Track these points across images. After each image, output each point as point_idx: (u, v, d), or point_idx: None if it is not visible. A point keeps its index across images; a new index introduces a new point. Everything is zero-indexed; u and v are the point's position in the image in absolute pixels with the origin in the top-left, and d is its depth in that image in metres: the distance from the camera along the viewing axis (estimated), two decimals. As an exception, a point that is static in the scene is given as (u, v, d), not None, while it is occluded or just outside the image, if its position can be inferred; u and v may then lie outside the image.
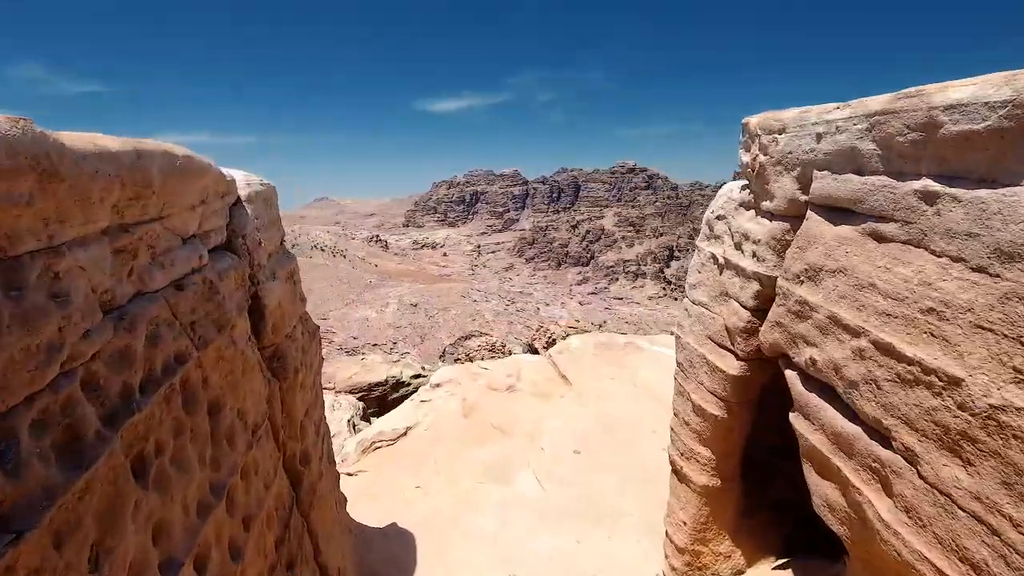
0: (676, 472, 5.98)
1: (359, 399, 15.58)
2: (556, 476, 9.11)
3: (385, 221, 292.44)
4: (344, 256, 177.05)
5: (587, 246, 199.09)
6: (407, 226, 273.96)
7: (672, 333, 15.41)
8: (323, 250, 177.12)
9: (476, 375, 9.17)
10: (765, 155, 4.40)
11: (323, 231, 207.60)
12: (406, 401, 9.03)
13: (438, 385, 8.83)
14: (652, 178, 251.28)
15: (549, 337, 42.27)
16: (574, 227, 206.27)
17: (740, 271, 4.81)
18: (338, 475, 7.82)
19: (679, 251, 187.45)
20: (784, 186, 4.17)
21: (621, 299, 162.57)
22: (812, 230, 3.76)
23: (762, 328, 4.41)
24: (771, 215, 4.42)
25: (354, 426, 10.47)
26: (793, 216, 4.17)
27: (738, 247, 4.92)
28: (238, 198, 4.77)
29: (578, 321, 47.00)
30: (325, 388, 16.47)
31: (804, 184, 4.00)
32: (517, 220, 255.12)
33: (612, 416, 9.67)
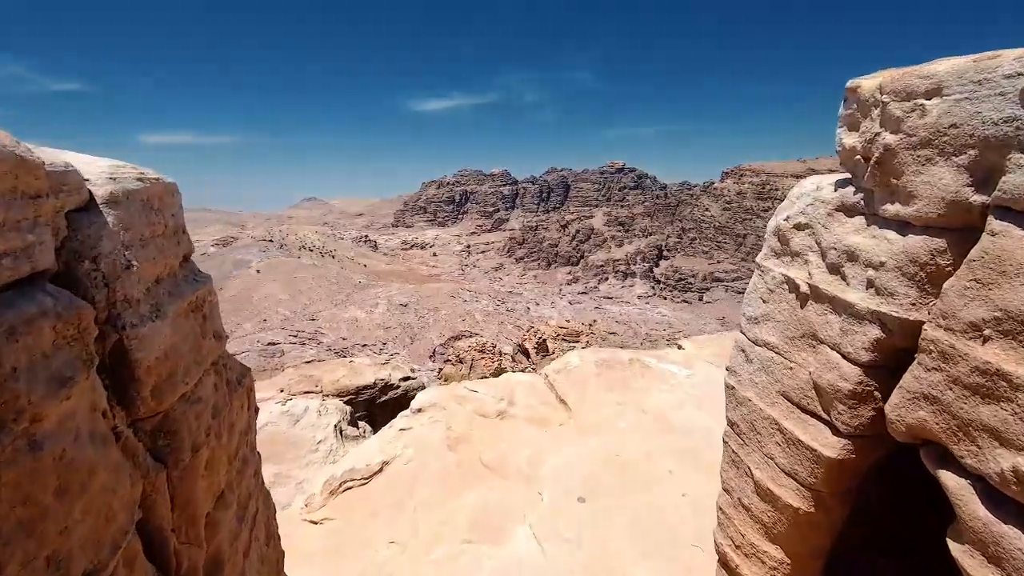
0: (727, 567, 4.43)
1: (347, 403, 14.41)
2: (558, 532, 7.51)
3: (374, 221, 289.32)
4: (333, 256, 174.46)
5: (577, 246, 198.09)
6: (396, 226, 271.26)
7: (678, 346, 13.60)
8: (311, 250, 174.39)
9: (463, 399, 7.69)
10: (896, 133, 2.85)
11: (311, 231, 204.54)
12: (384, 429, 7.45)
13: (420, 410, 7.43)
14: (641, 178, 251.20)
15: (539, 338, 40.82)
16: (564, 227, 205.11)
17: (843, 307, 3.26)
18: (282, 553, 6.17)
19: (668, 250, 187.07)
20: (937, 180, 2.63)
21: (611, 298, 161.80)
22: (1010, 251, 2.24)
23: (892, 400, 2.87)
24: (905, 225, 2.87)
25: (341, 431, 8.94)
26: (955, 228, 2.63)
27: (836, 271, 3.37)
28: (88, 201, 3.17)
29: (568, 321, 45.64)
30: (312, 392, 15.19)
31: (980, 177, 2.46)
32: (507, 220, 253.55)
33: (620, 451, 8.21)
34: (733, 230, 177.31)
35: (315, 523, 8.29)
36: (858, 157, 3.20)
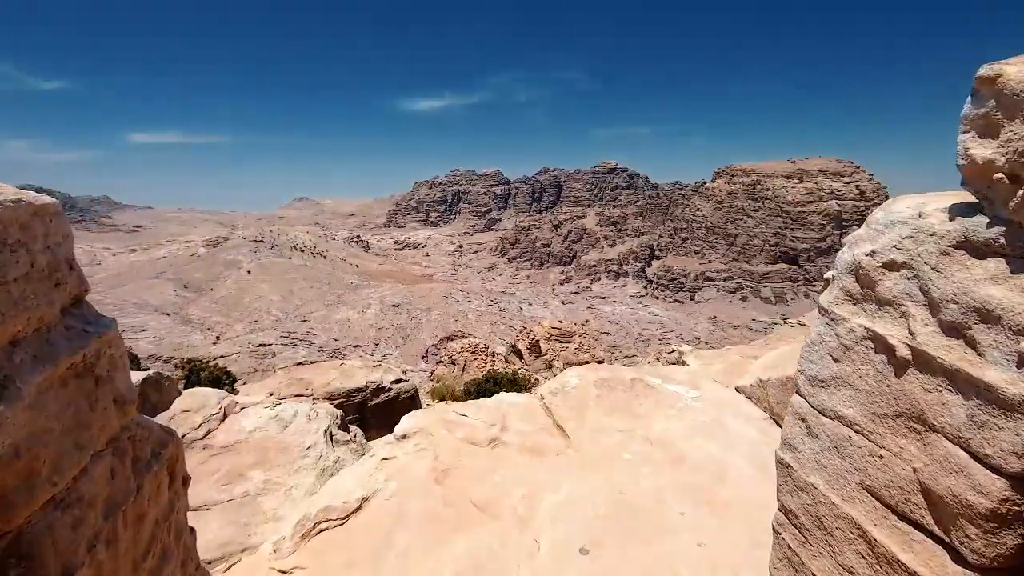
0: None
1: (338, 406, 13.84)
2: (558, 593, 6.61)
3: (366, 221, 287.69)
4: (325, 257, 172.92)
5: (569, 246, 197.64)
6: (388, 226, 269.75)
7: (682, 362, 12.54)
8: (303, 251, 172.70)
9: (452, 424, 6.70)
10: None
11: (303, 231, 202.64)
12: (364, 458, 6.37)
13: (404, 437, 6.47)
14: (633, 178, 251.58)
15: (532, 338, 39.96)
16: (556, 227, 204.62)
17: (973, 387, 2.30)
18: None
19: (660, 250, 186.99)
20: None
21: (603, 298, 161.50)
22: None
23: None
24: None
25: (331, 436, 8.04)
26: None
27: (957, 333, 2.40)
28: None
29: (561, 321, 44.75)
30: (303, 395, 14.55)
31: None
32: (499, 220, 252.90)
33: (626, 490, 7.18)
34: (724, 230, 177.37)
35: (284, 573, 7.31)
36: (999, 175, 2.22)
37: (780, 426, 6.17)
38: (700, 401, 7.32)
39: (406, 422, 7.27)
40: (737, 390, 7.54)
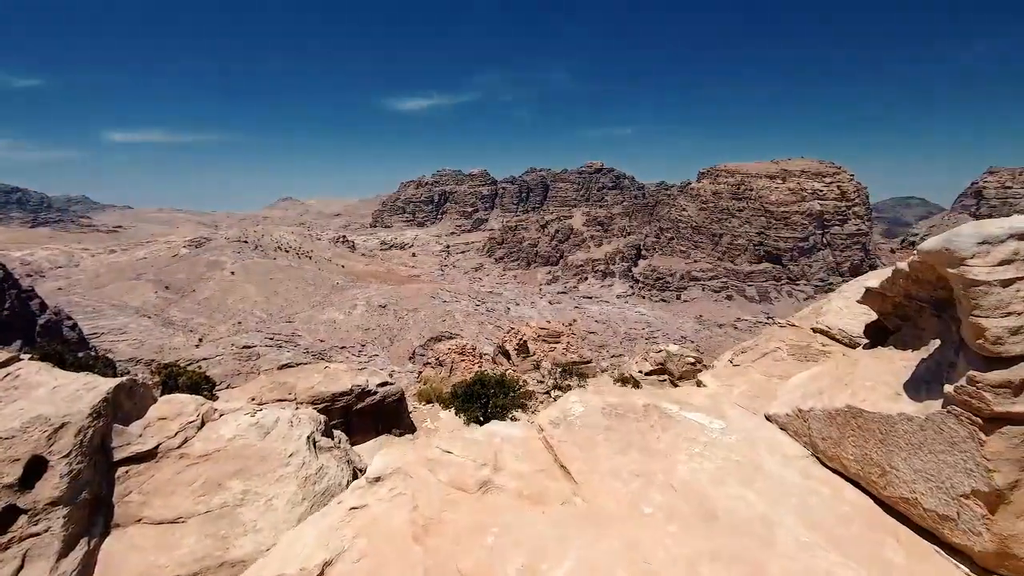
0: None
1: (322, 410, 13.50)
2: None
3: (352, 221, 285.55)
4: (310, 257, 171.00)
5: (556, 246, 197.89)
6: (375, 226, 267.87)
7: (698, 381, 10.32)
8: (288, 251, 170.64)
9: (434, 463, 5.79)
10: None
11: (288, 232, 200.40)
12: (331, 504, 5.52)
13: (378, 480, 5.53)
14: (619, 178, 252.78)
15: (520, 339, 39.88)
16: (543, 227, 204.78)
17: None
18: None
19: (646, 250, 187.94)
20: None
21: (590, 298, 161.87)
22: None
23: None
24: None
25: (314, 443, 7.69)
26: None
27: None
28: None
29: (549, 322, 44.69)
30: (286, 400, 14.21)
31: None
32: (486, 220, 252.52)
33: (650, 558, 5.45)
34: (710, 230, 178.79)
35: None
36: None
37: (826, 466, 5.27)
38: (727, 434, 6.27)
39: (380, 462, 5.92)
40: (768, 419, 6.44)
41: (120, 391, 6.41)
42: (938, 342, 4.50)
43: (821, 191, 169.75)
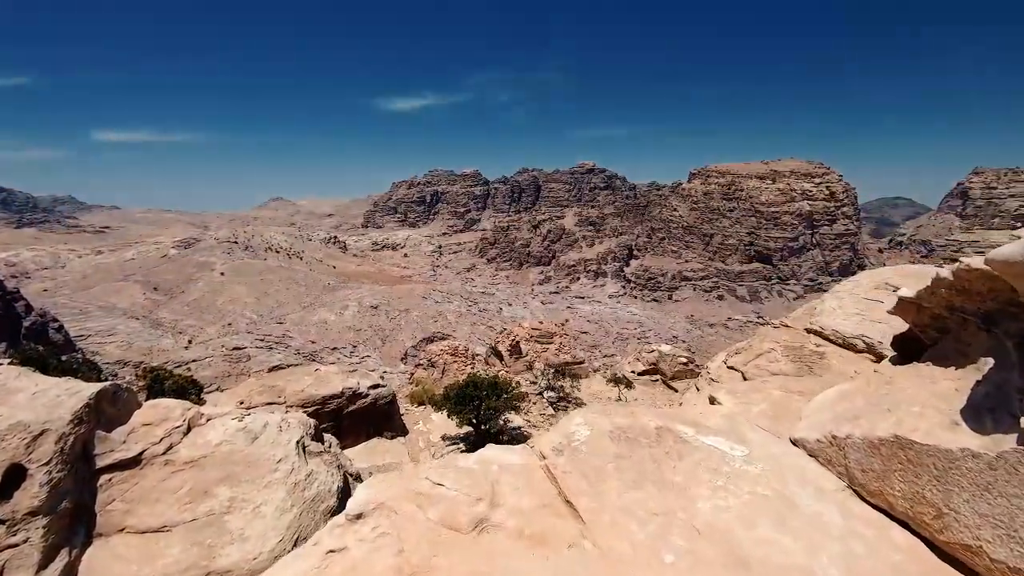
0: None
1: (312, 414, 13.34)
2: None
3: (343, 222, 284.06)
4: (301, 258, 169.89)
5: (548, 246, 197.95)
6: (366, 227, 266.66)
7: (710, 397, 9.22)
8: (278, 252, 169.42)
9: (423, 498, 4.91)
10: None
11: (278, 232, 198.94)
12: (307, 544, 4.67)
13: (359, 516, 4.84)
14: (611, 179, 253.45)
15: (513, 339, 39.78)
16: (535, 227, 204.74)
17: None
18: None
19: (638, 250, 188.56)
20: None
21: (582, 298, 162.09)
22: None
23: None
24: None
25: (304, 447, 7.52)
26: None
27: None
28: None
29: (541, 322, 44.59)
30: (275, 403, 14.03)
31: None
32: (478, 220, 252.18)
33: None
34: (701, 230, 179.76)
35: None
36: None
37: (866, 501, 4.62)
38: (752, 462, 5.54)
39: (362, 495, 5.16)
40: (794, 443, 5.75)
41: (103, 396, 6.25)
42: (990, 361, 4.09)
43: (810, 191, 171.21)
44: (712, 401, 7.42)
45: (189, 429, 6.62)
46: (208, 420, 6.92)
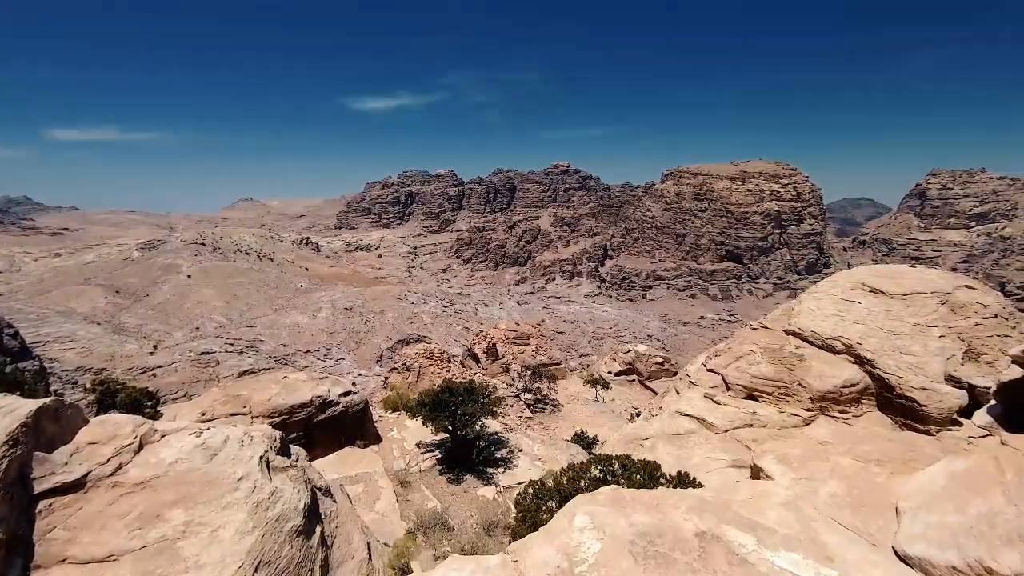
0: None
1: (280, 424, 12.75)
2: None
3: (316, 223, 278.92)
4: (272, 260, 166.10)
5: (524, 246, 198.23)
6: (339, 228, 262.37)
7: (756, 468, 6.52)
8: (248, 254, 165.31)
9: None
10: None
11: (248, 233, 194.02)
12: None
13: None
14: (585, 179, 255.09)
15: (489, 342, 39.47)
16: (511, 227, 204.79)
17: None
18: None
19: (612, 250, 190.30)
20: None
21: (558, 298, 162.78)
22: None
23: None
24: None
25: (268, 463, 7.04)
26: None
27: None
28: None
29: (518, 323, 44.44)
30: (240, 414, 13.41)
31: None
32: (454, 221, 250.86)
33: None
34: (673, 230, 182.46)
35: None
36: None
37: None
38: None
39: None
40: (902, 559, 3.89)
41: (43, 414, 5.75)
42: None
43: (778, 192, 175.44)
44: (757, 473, 5.52)
45: (141, 447, 6.16)
46: (163, 436, 6.46)
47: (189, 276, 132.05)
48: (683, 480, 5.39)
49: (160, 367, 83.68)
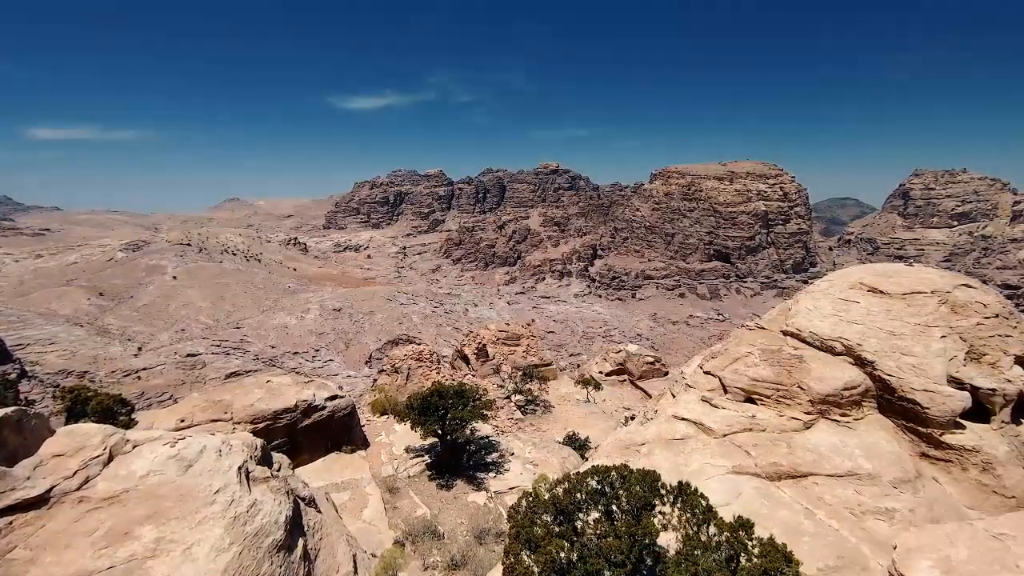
0: None
1: (263, 430, 12.30)
2: None
3: (304, 223, 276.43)
4: (259, 260, 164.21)
5: (514, 246, 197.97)
6: (328, 228, 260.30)
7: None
8: (235, 254, 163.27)
9: None
10: None
11: (234, 234, 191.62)
12: None
13: None
14: (575, 179, 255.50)
15: (479, 343, 39.17)
16: (500, 227, 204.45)
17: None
18: None
19: (602, 250, 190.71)
20: None
21: (548, 298, 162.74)
22: None
23: None
24: None
25: (247, 474, 6.64)
26: None
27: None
28: None
29: (508, 324, 44.23)
30: (221, 420, 12.95)
31: None
32: (443, 221, 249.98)
33: None
34: (662, 230, 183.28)
35: None
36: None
37: None
38: None
39: None
40: None
41: (4, 425, 5.40)
42: None
43: (765, 192, 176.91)
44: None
45: (111, 459, 5.82)
46: (135, 447, 6.12)
47: (174, 277, 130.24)
48: (684, 491, 5.17)
49: (145, 369, 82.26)
